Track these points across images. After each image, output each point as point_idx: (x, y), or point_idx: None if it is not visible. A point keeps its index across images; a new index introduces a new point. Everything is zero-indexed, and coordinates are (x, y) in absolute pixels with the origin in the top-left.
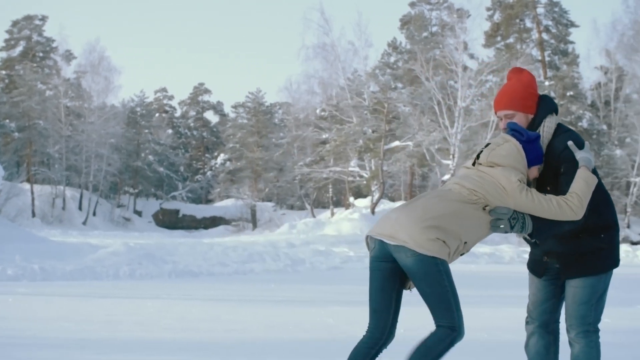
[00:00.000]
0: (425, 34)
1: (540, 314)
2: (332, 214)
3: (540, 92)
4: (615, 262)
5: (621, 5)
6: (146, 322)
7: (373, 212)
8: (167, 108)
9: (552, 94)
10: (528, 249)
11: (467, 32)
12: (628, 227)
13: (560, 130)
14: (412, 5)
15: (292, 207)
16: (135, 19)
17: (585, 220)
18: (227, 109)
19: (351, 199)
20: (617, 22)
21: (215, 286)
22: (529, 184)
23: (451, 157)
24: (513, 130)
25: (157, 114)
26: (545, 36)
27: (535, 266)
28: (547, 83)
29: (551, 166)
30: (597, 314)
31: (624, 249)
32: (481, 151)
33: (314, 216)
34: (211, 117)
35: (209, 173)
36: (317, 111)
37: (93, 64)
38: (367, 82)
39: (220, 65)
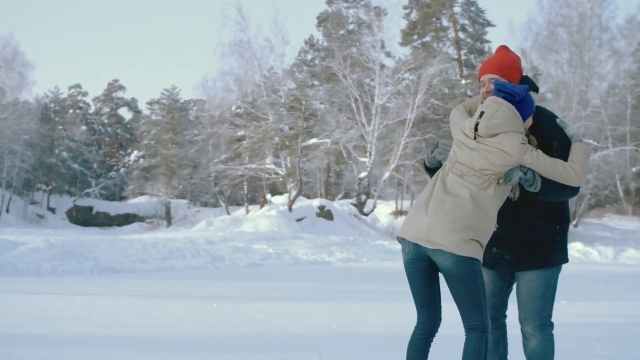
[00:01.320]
0: (342, 31)
1: (489, 309)
2: (247, 211)
3: (457, 91)
4: (566, 257)
5: (536, 6)
6: (80, 318)
7: (290, 209)
8: (81, 104)
9: (469, 93)
10: None
11: (384, 30)
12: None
13: (539, 109)
14: (329, 3)
15: (206, 205)
16: (50, 14)
17: (544, 207)
18: (142, 105)
19: (268, 196)
20: (532, 22)
21: (138, 282)
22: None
23: (368, 154)
24: (503, 92)
25: (71, 110)
26: (461, 35)
27: (485, 258)
28: (463, 82)
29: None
30: (551, 307)
31: None
32: (477, 122)
33: (228, 213)
34: (125, 113)
35: (122, 170)
36: (233, 108)
37: (7, 59)
38: (283, 80)
39: (135, 62)
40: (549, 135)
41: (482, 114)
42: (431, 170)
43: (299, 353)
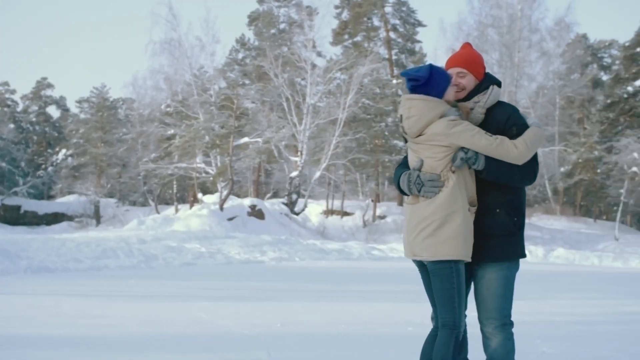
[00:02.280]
0: (273, 30)
1: None
2: (177, 210)
3: (388, 90)
4: (523, 252)
5: (466, 6)
6: (23, 318)
7: (222, 208)
8: (9, 102)
9: (399, 93)
10: (376, 245)
11: (316, 29)
12: None
13: (502, 102)
14: (260, 2)
15: (134, 204)
16: None
17: (505, 195)
18: (71, 104)
19: (200, 195)
20: (463, 22)
21: (74, 282)
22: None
23: (299, 153)
24: (409, 79)
25: None
26: (392, 35)
27: None
28: (394, 81)
29: (493, 131)
30: (511, 305)
31: None
32: (402, 127)
33: (158, 212)
34: (54, 112)
35: (50, 169)
36: (162, 107)
37: None
38: (214, 79)
39: (64, 60)
40: (509, 121)
41: (401, 117)
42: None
43: (247, 353)
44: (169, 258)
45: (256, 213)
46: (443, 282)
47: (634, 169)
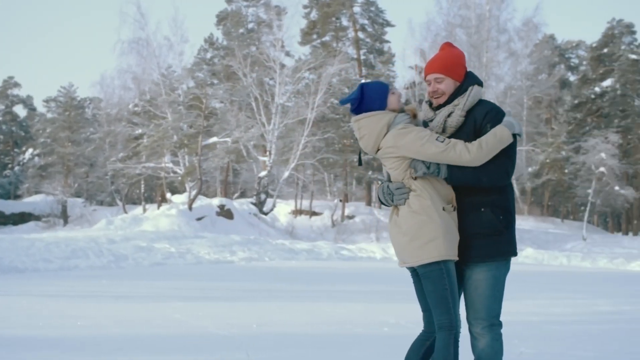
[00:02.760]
0: (242, 30)
1: None
2: (145, 210)
3: None
4: (513, 250)
5: (435, 7)
6: None
7: (190, 208)
8: None
9: None
10: (345, 245)
11: (284, 29)
12: None
13: (483, 101)
14: (228, 1)
15: (102, 203)
16: None
17: (490, 194)
18: (38, 103)
19: (168, 195)
20: (431, 22)
21: (46, 282)
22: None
23: (268, 153)
24: (346, 104)
25: None
26: (361, 35)
27: None
28: (363, 81)
29: (472, 131)
30: (500, 305)
31: None
32: (360, 149)
33: (125, 212)
34: (20, 111)
35: (17, 168)
36: (130, 106)
37: None
38: (182, 78)
39: (31, 59)
40: (484, 119)
41: (357, 139)
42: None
43: (226, 354)
44: (139, 258)
45: (225, 213)
46: (434, 284)
47: (601, 169)
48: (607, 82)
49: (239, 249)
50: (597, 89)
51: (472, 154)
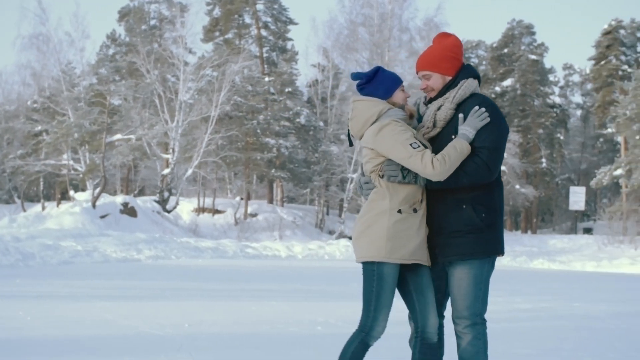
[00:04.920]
0: (144, 27)
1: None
2: (44, 207)
3: (259, 88)
4: (496, 249)
5: (337, 5)
6: None
7: (94, 205)
8: None
9: (271, 90)
10: (249, 243)
11: (188, 26)
12: (343, 222)
13: (475, 94)
14: None
15: None
16: None
17: (472, 190)
18: None
19: (72, 193)
20: (334, 21)
21: None
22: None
23: (171, 151)
24: (355, 79)
25: None
26: (264, 32)
27: None
28: (266, 79)
29: (457, 125)
30: (484, 304)
31: (343, 243)
32: (348, 129)
33: (24, 210)
34: None
35: None
36: (29, 103)
37: None
38: (84, 75)
39: None
40: (466, 114)
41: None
42: None
43: (170, 354)
44: (46, 256)
45: (128, 211)
46: (364, 283)
47: (502, 168)
48: (507, 82)
49: (145, 247)
50: (497, 89)
51: (436, 169)
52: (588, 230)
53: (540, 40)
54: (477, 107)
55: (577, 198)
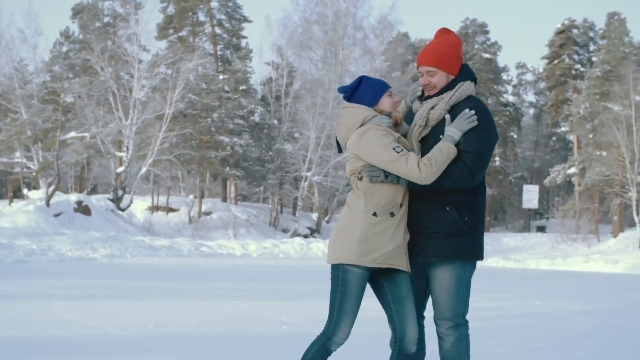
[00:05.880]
0: (98, 24)
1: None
2: None
3: (214, 86)
4: (477, 253)
5: (291, 3)
6: None
7: (48, 204)
8: None
9: (226, 88)
10: (204, 242)
11: (143, 23)
12: (297, 221)
13: (471, 97)
14: None
15: None
16: None
17: (456, 193)
18: None
19: (25, 191)
20: (288, 19)
21: None
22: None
23: (125, 149)
24: (342, 92)
25: None
26: (218, 30)
27: None
28: (220, 77)
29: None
30: (466, 305)
31: (298, 241)
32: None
33: None
34: None
35: None
36: None
37: None
38: (37, 72)
39: None
40: (456, 115)
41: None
42: None
43: (138, 355)
44: (1, 255)
45: (83, 209)
46: (331, 287)
47: None
48: None
49: (100, 245)
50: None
51: (422, 172)
52: (541, 229)
53: (493, 39)
54: (467, 110)
55: (531, 196)
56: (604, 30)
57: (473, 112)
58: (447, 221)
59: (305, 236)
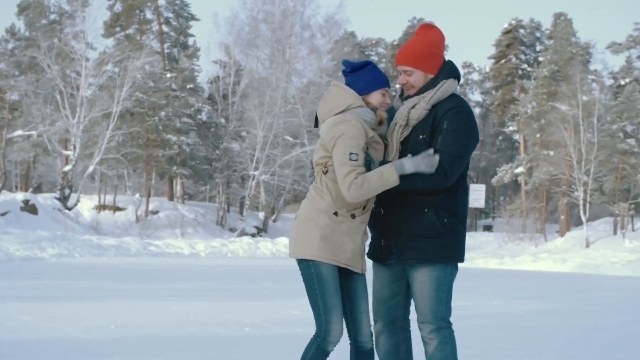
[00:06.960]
0: (44, 21)
1: (386, 312)
2: None
3: (161, 85)
4: (457, 255)
5: (239, 1)
6: None
7: None
8: None
9: (173, 87)
10: (152, 241)
11: (91, 21)
12: (244, 220)
13: (453, 95)
14: None
15: None
16: None
17: (435, 194)
18: None
19: None
20: (235, 17)
21: None
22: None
23: (72, 147)
24: (344, 63)
25: None
26: (165, 28)
27: (375, 251)
28: (168, 75)
29: (429, 125)
30: (448, 308)
31: (246, 240)
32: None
33: None
34: None
35: None
36: None
37: None
38: None
39: None
40: (445, 115)
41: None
42: None
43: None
44: None
45: (29, 208)
46: (306, 286)
47: None
48: None
49: (48, 245)
50: (397, 86)
51: (350, 191)
52: (488, 228)
53: None
54: (431, 151)
55: (477, 195)
56: (551, 31)
57: (437, 156)
58: (425, 223)
59: (253, 235)
